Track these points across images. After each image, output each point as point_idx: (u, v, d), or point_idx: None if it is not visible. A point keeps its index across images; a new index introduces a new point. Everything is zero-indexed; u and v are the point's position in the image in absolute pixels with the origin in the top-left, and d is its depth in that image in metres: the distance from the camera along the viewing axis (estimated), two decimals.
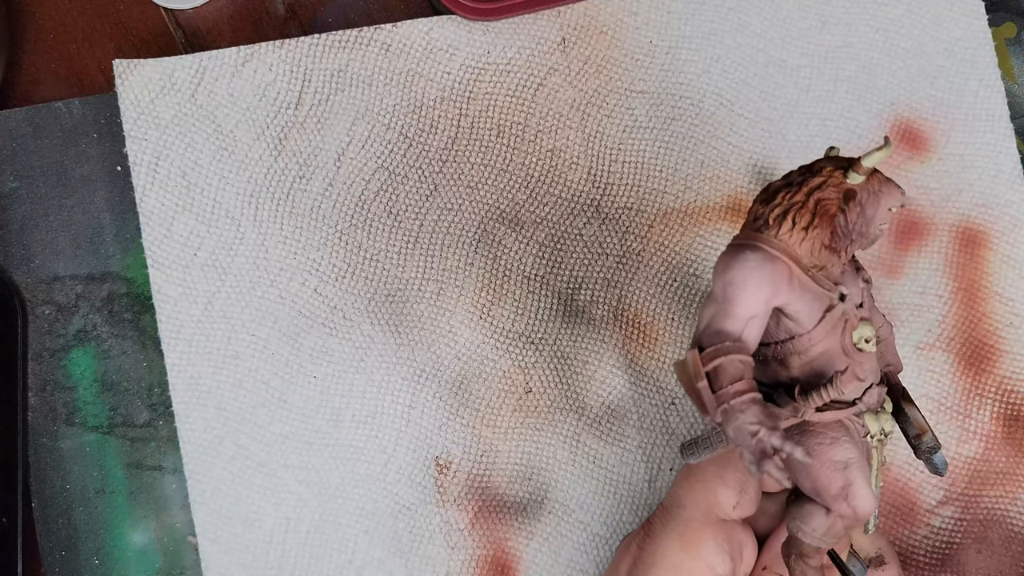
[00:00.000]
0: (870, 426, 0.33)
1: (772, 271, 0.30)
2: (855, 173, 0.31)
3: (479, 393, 0.45)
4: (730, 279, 0.30)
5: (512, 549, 0.45)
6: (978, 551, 0.45)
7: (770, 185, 0.32)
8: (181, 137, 0.46)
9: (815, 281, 0.31)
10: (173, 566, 0.45)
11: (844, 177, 0.31)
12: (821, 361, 0.32)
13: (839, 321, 0.32)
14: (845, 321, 0.32)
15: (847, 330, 0.32)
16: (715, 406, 0.30)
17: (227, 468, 0.45)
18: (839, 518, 0.32)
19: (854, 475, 0.31)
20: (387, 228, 0.46)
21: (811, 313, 0.31)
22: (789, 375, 0.33)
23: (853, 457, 0.32)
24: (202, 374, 0.45)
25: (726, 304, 0.30)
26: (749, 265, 0.30)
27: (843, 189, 0.31)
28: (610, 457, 0.45)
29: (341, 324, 0.45)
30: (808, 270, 0.31)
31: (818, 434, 0.32)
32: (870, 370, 0.32)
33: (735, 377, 0.29)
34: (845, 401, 0.32)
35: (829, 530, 0.32)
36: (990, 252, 0.46)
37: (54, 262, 0.46)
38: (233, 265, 0.45)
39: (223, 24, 0.48)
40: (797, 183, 0.31)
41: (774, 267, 0.30)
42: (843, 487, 0.32)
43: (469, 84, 0.47)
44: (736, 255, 0.31)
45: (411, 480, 0.45)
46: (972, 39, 0.47)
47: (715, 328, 0.30)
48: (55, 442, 0.46)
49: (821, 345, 0.32)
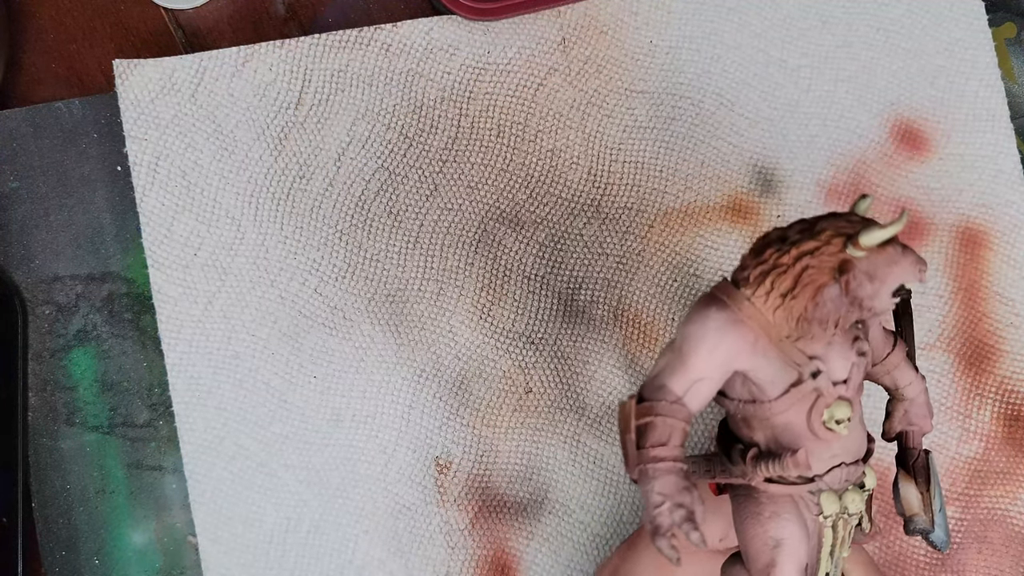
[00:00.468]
0: (824, 507, 0.30)
1: (733, 336, 0.28)
2: (854, 248, 0.27)
3: (479, 393, 0.45)
4: (689, 333, 0.29)
5: (512, 549, 0.45)
6: (978, 551, 0.45)
7: (767, 235, 0.29)
8: (181, 137, 0.46)
9: (783, 352, 0.29)
10: (173, 566, 0.45)
11: (843, 247, 0.28)
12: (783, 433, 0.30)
13: (808, 396, 0.29)
14: (817, 397, 0.29)
15: (817, 406, 0.29)
16: (635, 464, 0.29)
17: (227, 468, 0.45)
18: None
19: (782, 557, 0.30)
20: (387, 228, 0.46)
21: (774, 384, 0.29)
22: (750, 436, 0.31)
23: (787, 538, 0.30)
24: (202, 374, 0.45)
25: (679, 359, 0.29)
26: (710, 325, 0.28)
27: (839, 260, 0.28)
28: (610, 457, 0.45)
29: (341, 324, 0.45)
30: (779, 340, 0.28)
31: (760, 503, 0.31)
32: (842, 449, 0.30)
33: (660, 441, 0.28)
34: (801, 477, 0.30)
35: None
36: (990, 252, 0.46)
37: (54, 262, 0.46)
38: (233, 265, 0.45)
39: (223, 24, 0.48)
40: (792, 242, 0.28)
41: (736, 332, 0.28)
42: (767, 565, 0.30)
43: (469, 84, 0.47)
44: (702, 310, 0.29)
45: (411, 480, 0.45)
46: (972, 39, 0.47)
47: (660, 382, 0.29)
48: (55, 442, 0.46)
49: (783, 417, 0.30)
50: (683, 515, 0.28)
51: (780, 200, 0.46)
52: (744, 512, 0.31)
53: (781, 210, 0.46)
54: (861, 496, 0.31)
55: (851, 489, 0.31)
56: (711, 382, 0.29)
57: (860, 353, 0.30)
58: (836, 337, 0.29)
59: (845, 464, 0.30)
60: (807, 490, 0.30)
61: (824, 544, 0.31)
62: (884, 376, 0.33)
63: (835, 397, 0.29)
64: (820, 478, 0.30)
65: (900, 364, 0.33)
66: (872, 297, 0.28)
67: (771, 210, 0.46)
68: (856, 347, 0.30)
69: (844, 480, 0.31)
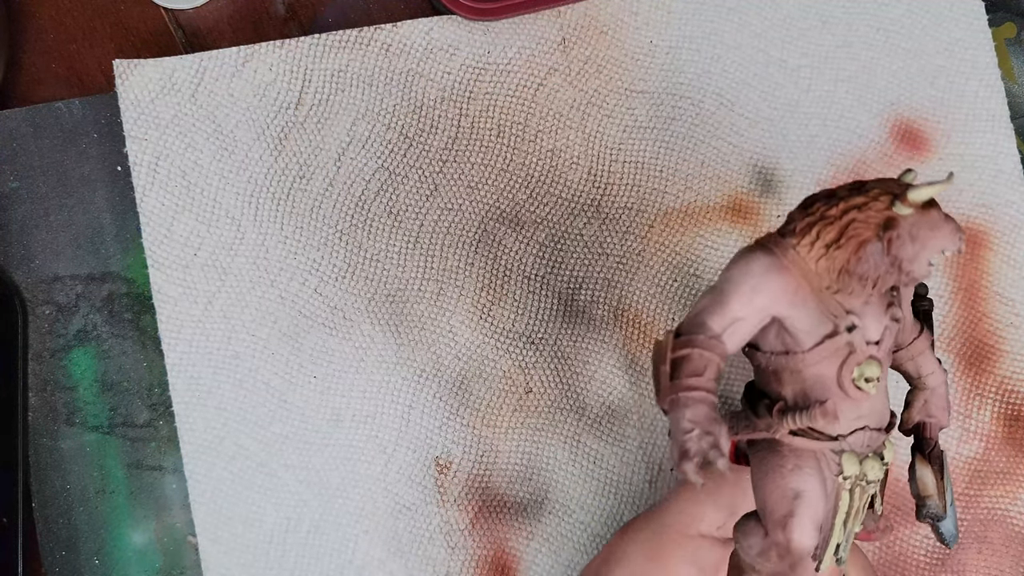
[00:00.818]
0: (845, 467, 0.31)
1: (776, 280, 0.29)
2: (901, 204, 0.28)
3: (479, 393, 0.45)
4: (731, 276, 0.30)
5: (512, 549, 0.45)
6: (978, 551, 0.45)
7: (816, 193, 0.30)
8: (181, 137, 0.46)
9: (822, 302, 0.29)
10: (173, 566, 0.45)
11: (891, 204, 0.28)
12: (813, 386, 0.30)
13: (841, 350, 0.30)
14: (849, 353, 0.30)
15: (848, 363, 0.30)
16: (667, 394, 0.29)
17: (227, 468, 0.45)
18: (774, 545, 0.31)
19: (801, 508, 0.30)
20: (387, 228, 0.46)
21: (810, 334, 0.30)
22: (779, 390, 0.31)
23: (808, 491, 0.30)
24: (202, 374, 0.45)
25: (720, 298, 0.30)
26: (754, 268, 0.29)
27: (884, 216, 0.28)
28: (610, 457, 0.45)
29: (341, 324, 0.45)
30: (819, 290, 0.29)
31: (783, 456, 0.31)
32: (868, 411, 0.31)
33: (696, 372, 0.29)
34: (825, 434, 0.30)
35: (763, 553, 0.31)
36: (990, 252, 0.46)
37: (54, 262, 0.46)
38: (233, 265, 0.45)
39: (223, 24, 0.48)
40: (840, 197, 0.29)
41: (780, 277, 0.29)
42: (785, 515, 0.30)
43: (469, 84, 0.47)
44: (748, 254, 0.30)
45: (411, 480, 0.45)
46: (972, 39, 0.47)
47: (700, 319, 0.30)
48: (55, 442, 0.46)
49: (815, 369, 0.30)
50: (711, 442, 0.28)
51: (780, 200, 0.46)
52: (765, 466, 0.31)
53: (781, 210, 0.46)
54: (880, 465, 0.31)
55: (871, 456, 0.31)
56: (749, 324, 0.29)
57: (894, 319, 0.31)
58: (873, 298, 0.30)
59: (869, 428, 0.31)
60: (830, 448, 0.30)
61: (840, 509, 0.31)
62: (908, 362, 0.34)
63: (867, 355, 0.30)
64: (844, 438, 0.30)
65: (925, 351, 0.33)
66: (912, 260, 0.28)
67: (771, 210, 0.46)
68: (891, 312, 0.30)
69: (866, 445, 0.31)
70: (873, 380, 0.30)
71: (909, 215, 0.28)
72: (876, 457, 0.31)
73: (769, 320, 0.30)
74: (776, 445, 0.31)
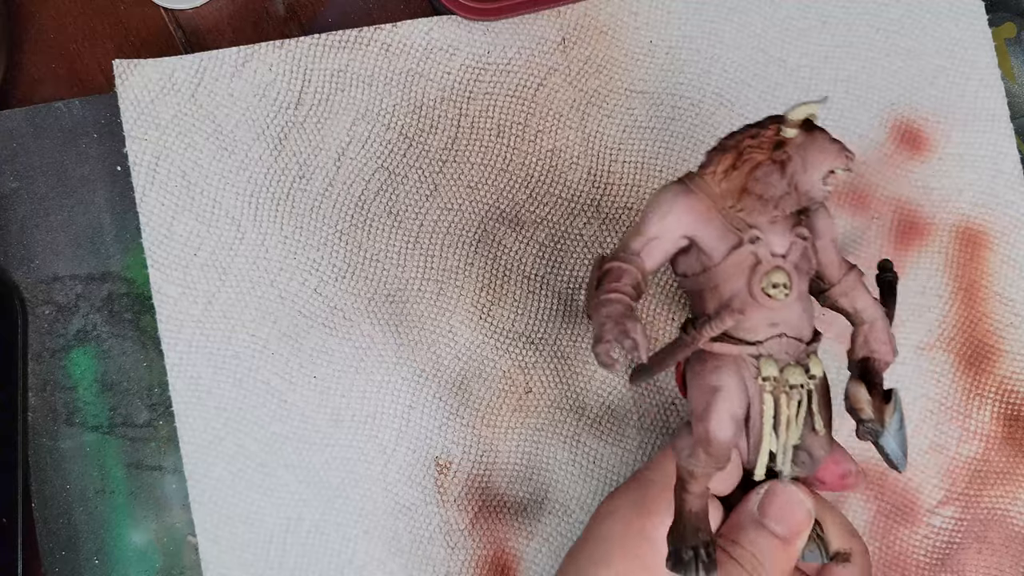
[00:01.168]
0: (763, 369, 0.33)
1: (684, 202, 0.33)
2: (785, 127, 0.32)
3: (479, 393, 0.45)
4: (649, 205, 0.34)
5: (512, 549, 0.45)
6: (978, 551, 0.45)
7: None
8: (181, 137, 0.46)
9: (727, 219, 0.33)
10: (173, 566, 0.45)
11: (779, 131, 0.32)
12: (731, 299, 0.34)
13: (748, 260, 0.33)
14: (756, 263, 0.33)
15: (757, 272, 0.33)
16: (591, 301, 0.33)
17: (227, 468, 0.45)
18: (698, 441, 0.33)
19: (718, 401, 0.33)
20: (387, 228, 0.46)
21: (718, 248, 0.33)
22: (704, 309, 0.34)
23: (725, 386, 0.33)
24: (202, 374, 0.45)
25: (639, 224, 0.34)
26: (667, 195, 0.34)
27: (774, 140, 0.33)
28: (610, 457, 0.45)
29: (341, 324, 0.45)
30: (724, 209, 0.33)
31: (706, 360, 0.34)
32: (783, 320, 0.34)
33: (616, 279, 0.33)
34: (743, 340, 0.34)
35: (692, 453, 0.34)
36: (990, 252, 0.46)
37: (54, 262, 0.46)
38: (233, 265, 0.45)
39: (223, 24, 0.48)
40: (740, 132, 0.33)
41: (687, 199, 0.33)
42: (704, 409, 0.33)
43: (469, 84, 0.47)
44: (663, 188, 0.34)
45: (411, 480, 0.45)
46: (972, 39, 0.47)
47: (623, 244, 0.34)
48: (55, 442, 0.46)
49: (729, 283, 0.34)
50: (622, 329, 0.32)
51: None
52: (692, 373, 0.35)
53: None
54: (803, 373, 0.34)
55: (793, 364, 0.34)
56: (665, 242, 0.34)
57: (801, 236, 0.34)
58: (779, 219, 0.34)
59: (786, 336, 0.34)
60: (748, 353, 0.34)
61: (765, 413, 0.34)
62: (842, 298, 0.36)
63: (773, 266, 0.33)
64: (761, 344, 0.34)
65: (857, 287, 0.36)
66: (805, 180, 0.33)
67: None
68: (797, 231, 0.34)
69: (784, 352, 0.34)
70: (780, 286, 0.33)
71: (796, 137, 0.32)
72: (799, 367, 0.34)
73: (683, 240, 0.34)
74: (702, 354, 0.35)
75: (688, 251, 0.34)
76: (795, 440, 0.34)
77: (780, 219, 0.34)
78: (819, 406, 0.34)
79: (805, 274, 0.34)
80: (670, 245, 0.34)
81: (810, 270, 0.35)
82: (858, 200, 0.46)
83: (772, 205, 0.33)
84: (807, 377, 0.34)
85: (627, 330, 0.32)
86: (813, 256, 0.35)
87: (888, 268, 0.39)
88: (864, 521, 0.45)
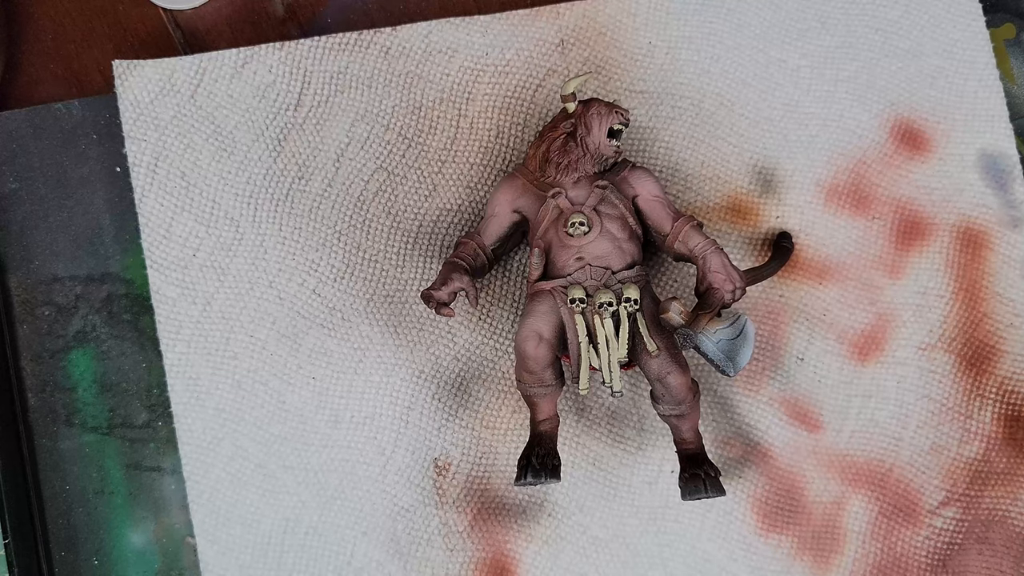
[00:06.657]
0: (570, 293, 0.40)
1: (507, 184, 0.43)
2: (563, 102, 0.42)
3: (478, 394, 0.45)
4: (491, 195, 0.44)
5: (511, 551, 0.45)
6: (979, 552, 0.44)
7: None
8: (180, 138, 0.46)
9: (539, 188, 0.43)
10: (172, 567, 0.45)
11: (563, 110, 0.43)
12: (552, 250, 0.42)
13: (553, 211, 0.42)
14: (560, 213, 0.42)
15: (561, 219, 0.42)
16: None
17: (226, 469, 0.45)
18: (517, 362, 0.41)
19: (526, 320, 0.41)
20: (386, 229, 0.46)
21: (533, 208, 0.43)
22: None
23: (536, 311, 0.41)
24: (201, 375, 0.45)
25: (485, 212, 0.44)
26: (498, 183, 0.44)
27: (562, 117, 0.42)
28: (610, 459, 0.45)
29: (340, 325, 0.45)
30: (536, 181, 0.43)
31: (531, 300, 0.42)
32: (588, 253, 0.41)
33: (460, 248, 0.43)
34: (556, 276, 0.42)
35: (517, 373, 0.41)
36: (991, 252, 0.46)
37: (54, 263, 0.46)
38: (232, 266, 0.45)
39: (222, 25, 0.48)
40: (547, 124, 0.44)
41: (510, 181, 0.43)
42: (517, 333, 0.41)
43: (468, 86, 0.47)
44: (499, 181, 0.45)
45: (410, 482, 0.45)
46: (970, 40, 0.47)
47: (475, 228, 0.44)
48: (55, 443, 0.46)
49: (548, 234, 0.42)
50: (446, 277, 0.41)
51: (780, 200, 0.46)
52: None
53: (781, 210, 0.46)
54: (611, 294, 0.40)
55: (603, 289, 0.41)
56: (499, 218, 0.43)
57: (600, 187, 0.42)
58: (582, 179, 0.42)
59: (590, 266, 0.41)
60: (560, 284, 0.41)
61: (579, 331, 0.41)
62: (677, 243, 0.42)
63: (573, 211, 0.41)
64: (570, 275, 0.41)
65: (686, 230, 0.42)
66: (591, 141, 0.42)
67: (771, 210, 0.46)
68: (596, 183, 0.42)
69: (591, 278, 0.41)
70: (576, 224, 0.41)
71: (577, 109, 0.42)
72: (609, 291, 0.41)
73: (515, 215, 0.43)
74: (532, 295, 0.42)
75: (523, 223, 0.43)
76: (621, 357, 0.41)
77: (583, 179, 0.42)
78: (649, 331, 0.41)
79: (613, 218, 0.42)
80: (505, 219, 0.43)
81: (619, 215, 0.42)
82: (858, 200, 0.46)
83: (572, 168, 0.42)
84: (619, 300, 0.40)
85: (451, 279, 0.41)
86: (621, 202, 0.42)
87: (787, 238, 0.45)
88: (865, 522, 0.45)
